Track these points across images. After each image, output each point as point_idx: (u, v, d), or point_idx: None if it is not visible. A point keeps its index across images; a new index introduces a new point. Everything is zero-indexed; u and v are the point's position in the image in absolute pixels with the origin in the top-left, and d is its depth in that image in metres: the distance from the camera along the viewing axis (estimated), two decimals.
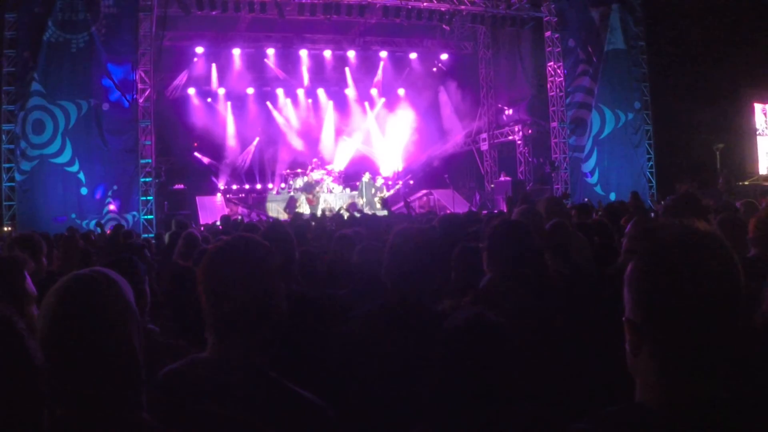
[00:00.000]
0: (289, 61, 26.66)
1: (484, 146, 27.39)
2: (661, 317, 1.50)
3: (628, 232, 4.51)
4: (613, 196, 20.69)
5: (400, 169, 28.12)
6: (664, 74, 22.15)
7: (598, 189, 22.34)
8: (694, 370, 1.49)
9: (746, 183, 19.10)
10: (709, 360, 1.49)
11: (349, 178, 25.82)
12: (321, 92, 28.08)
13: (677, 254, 1.50)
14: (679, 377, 1.49)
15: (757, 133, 24.42)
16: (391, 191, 24.74)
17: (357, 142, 28.20)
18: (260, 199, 25.66)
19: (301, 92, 27.78)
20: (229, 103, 26.60)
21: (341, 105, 28.22)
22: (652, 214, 9.80)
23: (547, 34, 22.85)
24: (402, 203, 22.16)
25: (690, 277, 1.47)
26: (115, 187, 18.55)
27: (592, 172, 22.62)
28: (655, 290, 1.51)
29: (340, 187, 25.01)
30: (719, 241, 1.52)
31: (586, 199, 19.26)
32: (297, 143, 27.48)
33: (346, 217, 11.65)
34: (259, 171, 27.45)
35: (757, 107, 24.40)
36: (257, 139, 27.23)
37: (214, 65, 25.59)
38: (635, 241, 4.28)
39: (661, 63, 22.25)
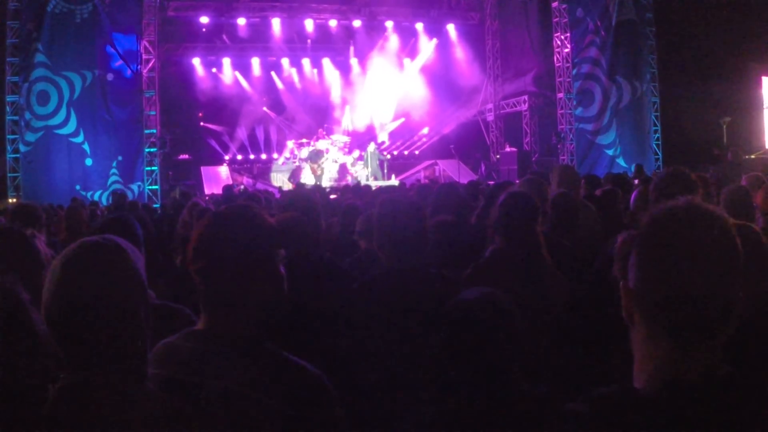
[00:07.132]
0: (294, 31, 26.44)
1: (490, 117, 27.24)
2: (651, 286, 1.48)
3: (634, 203, 4.50)
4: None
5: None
6: (672, 47, 21.94)
7: (620, 161, 22.29)
8: (682, 347, 1.47)
9: (753, 157, 18.93)
10: (699, 339, 1.46)
11: (355, 147, 25.73)
12: (326, 62, 27.90)
13: (674, 225, 1.48)
14: (667, 355, 1.48)
15: (765, 107, 24.17)
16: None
17: (362, 112, 28.03)
18: (265, 169, 25.68)
19: (306, 62, 27.60)
20: (235, 73, 26.47)
21: (346, 74, 28.04)
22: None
23: (554, 4, 22.62)
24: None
25: (683, 250, 1.45)
26: (119, 158, 18.54)
27: (612, 145, 22.58)
28: (648, 258, 1.50)
29: (346, 157, 24.94)
30: (720, 218, 1.49)
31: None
32: (302, 113, 27.36)
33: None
34: (264, 141, 27.39)
35: (765, 81, 24.12)
36: (264, 108, 27.11)
37: (220, 35, 25.38)
38: (639, 211, 4.27)
39: (669, 35, 22.04)
